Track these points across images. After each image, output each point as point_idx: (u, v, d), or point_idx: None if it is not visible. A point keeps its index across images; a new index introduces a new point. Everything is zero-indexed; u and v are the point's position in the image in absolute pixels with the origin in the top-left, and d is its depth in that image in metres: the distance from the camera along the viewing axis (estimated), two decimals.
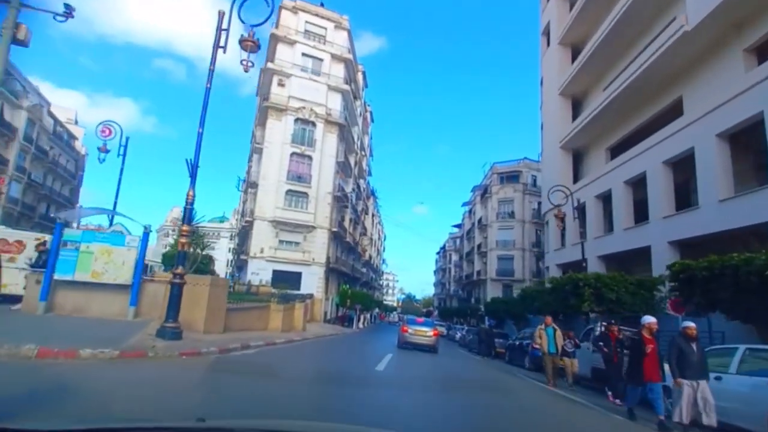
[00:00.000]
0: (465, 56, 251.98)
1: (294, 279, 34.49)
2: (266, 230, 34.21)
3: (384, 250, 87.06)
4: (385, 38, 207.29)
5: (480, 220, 49.90)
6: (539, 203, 45.61)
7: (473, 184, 61.47)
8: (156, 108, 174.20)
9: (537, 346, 11.77)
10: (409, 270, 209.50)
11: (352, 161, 42.69)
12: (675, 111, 19.50)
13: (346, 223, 41.68)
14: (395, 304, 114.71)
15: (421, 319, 21.76)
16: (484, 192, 50.08)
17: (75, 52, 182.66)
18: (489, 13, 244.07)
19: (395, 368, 10.37)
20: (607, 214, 23.73)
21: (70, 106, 61.00)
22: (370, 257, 62.49)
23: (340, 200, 37.52)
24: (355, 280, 49.69)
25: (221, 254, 66.98)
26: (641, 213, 20.29)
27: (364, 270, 57.51)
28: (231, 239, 69.43)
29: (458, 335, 35.44)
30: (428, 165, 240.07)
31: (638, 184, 20.76)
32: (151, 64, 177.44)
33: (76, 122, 59.63)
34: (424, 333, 18.22)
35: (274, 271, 33.75)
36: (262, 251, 33.83)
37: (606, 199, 23.80)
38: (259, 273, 33.26)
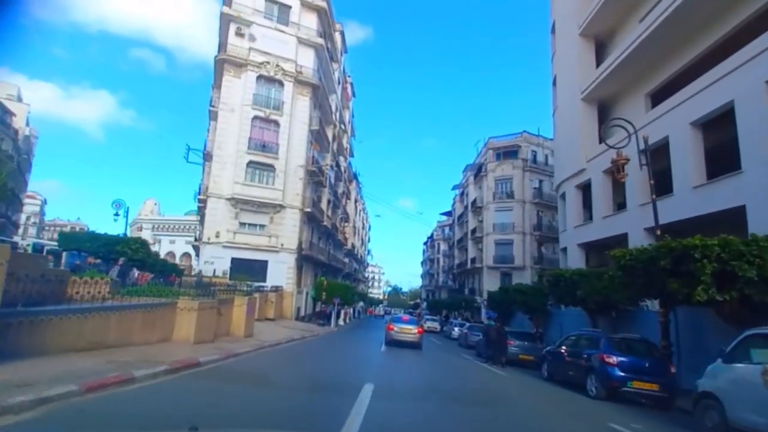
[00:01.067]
0: (452, 45, 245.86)
1: (258, 268, 27.77)
2: (223, 210, 27.29)
3: (369, 241, 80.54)
4: (372, 28, 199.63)
5: (474, 202, 43.67)
6: (541, 182, 39.68)
7: (460, 176, 55.18)
8: (134, 100, 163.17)
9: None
10: (396, 263, 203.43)
11: (329, 134, 35.91)
12: (760, 24, 13.36)
13: (323, 205, 34.93)
14: (381, 298, 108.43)
15: (407, 318, 21.28)
16: (478, 171, 43.81)
17: (47, 41, 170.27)
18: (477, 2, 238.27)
19: None
20: (658, 172, 17.50)
21: (13, 82, 52.19)
22: (353, 247, 55.84)
23: (314, 175, 30.74)
24: (336, 272, 43.07)
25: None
26: (720, 163, 14.12)
27: (346, 260, 50.85)
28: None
29: (455, 331, 29.12)
30: (414, 159, 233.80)
31: (716, 124, 14.57)
32: (128, 55, 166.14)
33: (20, 99, 51.51)
34: (409, 331, 18.10)
35: (234, 260, 26.96)
36: (217, 235, 26.90)
37: (655, 153, 17.55)
38: (213, 262, 26.45)
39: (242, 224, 27.84)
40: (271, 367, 9.23)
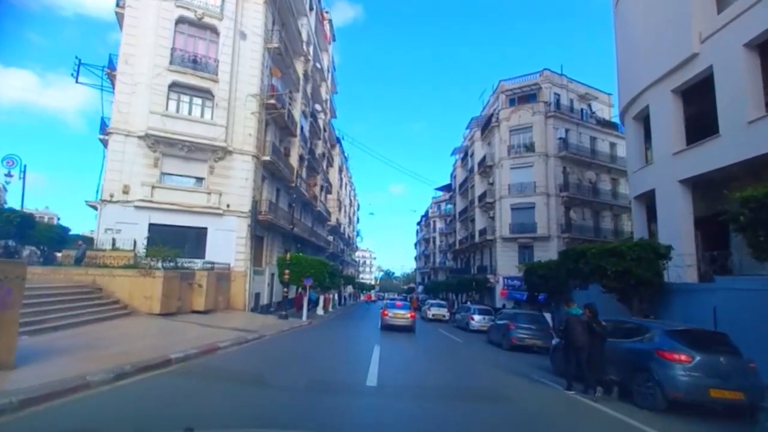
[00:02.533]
0: (442, 28, 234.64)
1: (193, 239, 18.56)
2: (134, 154, 17.80)
3: (358, 222, 71.24)
4: (362, 7, 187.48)
5: (482, 161, 34.52)
6: (567, 131, 30.74)
7: (455, 159, 45.85)
8: None
9: None
10: (387, 249, 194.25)
11: (299, 69, 26.32)
12: None
13: (294, 160, 25.49)
14: (373, 283, 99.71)
15: (400, 303, 20.75)
16: (486, 123, 34.61)
17: (20, 26, 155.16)
18: None
19: None
20: None
21: None
22: (339, 224, 46.54)
23: (272, 109, 21.19)
24: (317, 251, 33.78)
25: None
26: None
27: (330, 238, 41.61)
28: None
29: (476, 320, 20.24)
30: (404, 144, 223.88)
31: None
32: (107, 39, 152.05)
33: None
34: (402, 315, 17.59)
35: (154, 226, 17.66)
36: (126, 191, 17.43)
37: None
38: (120, 229, 17.08)
39: (166, 175, 18.42)
40: None
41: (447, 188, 56.21)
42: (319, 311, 25.35)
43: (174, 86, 18.22)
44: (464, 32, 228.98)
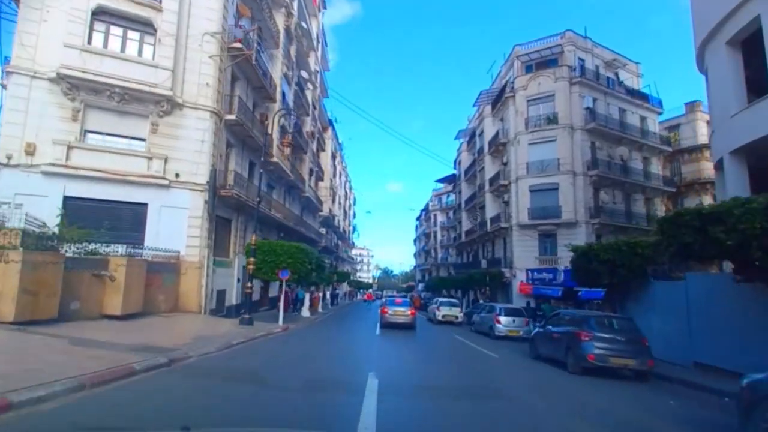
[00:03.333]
0: (441, 23, 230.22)
1: (128, 218, 13.71)
2: (43, 102, 12.92)
3: (354, 216, 66.32)
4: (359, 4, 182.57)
5: (494, 139, 29.71)
6: (594, 100, 26.12)
7: (454, 156, 41.08)
8: None
9: None
10: (386, 247, 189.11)
11: (279, 21, 21.49)
12: None
13: (272, 129, 20.58)
14: (371, 281, 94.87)
15: (400, 300, 19.30)
16: (498, 96, 29.81)
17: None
18: None
19: None
20: None
21: None
22: (333, 216, 41.64)
23: (239, 53, 16.26)
24: (307, 243, 28.85)
25: None
26: None
27: (322, 230, 36.71)
28: None
29: (502, 324, 15.43)
30: (402, 143, 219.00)
31: None
32: None
33: None
34: (402, 312, 16.99)
35: (71, 200, 12.78)
36: (30, 151, 12.55)
37: None
38: (21, 203, 12.20)
39: (90, 133, 13.53)
40: None
41: (449, 179, 51.54)
42: (305, 313, 20.52)
43: (100, 13, 13.36)
44: (463, 27, 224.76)
